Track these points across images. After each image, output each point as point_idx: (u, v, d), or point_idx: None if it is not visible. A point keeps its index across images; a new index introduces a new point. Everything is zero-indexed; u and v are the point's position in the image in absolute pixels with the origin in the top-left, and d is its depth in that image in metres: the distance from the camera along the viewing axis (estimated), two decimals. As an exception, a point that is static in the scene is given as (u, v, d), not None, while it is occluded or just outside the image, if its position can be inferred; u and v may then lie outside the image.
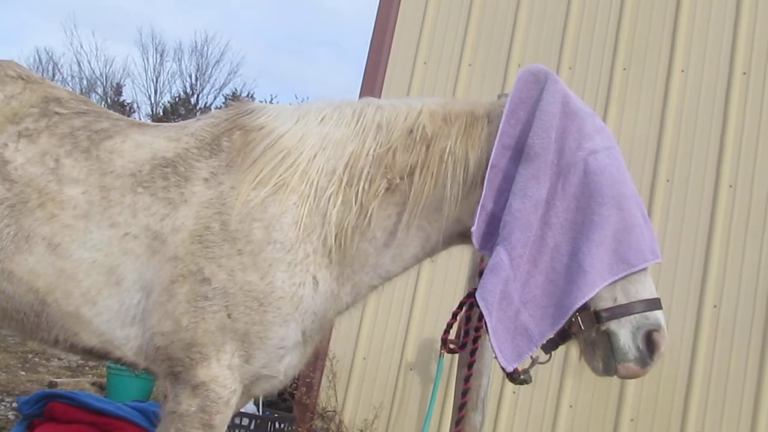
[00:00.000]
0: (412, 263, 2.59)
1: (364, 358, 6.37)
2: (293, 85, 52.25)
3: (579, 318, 2.27)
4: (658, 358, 2.28)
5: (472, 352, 3.10)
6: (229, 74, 33.90)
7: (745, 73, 5.82)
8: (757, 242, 5.49)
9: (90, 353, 2.59)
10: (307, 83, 48.50)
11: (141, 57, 44.93)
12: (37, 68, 31.27)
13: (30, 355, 8.80)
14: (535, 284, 2.25)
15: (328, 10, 51.69)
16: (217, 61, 33.46)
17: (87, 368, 8.92)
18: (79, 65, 32.40)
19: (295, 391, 6.38)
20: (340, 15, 52.48)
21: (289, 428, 6.09)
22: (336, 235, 2.44)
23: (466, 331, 3.05)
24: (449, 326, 3.13)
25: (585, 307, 2.27)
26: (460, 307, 3.05)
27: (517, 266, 2.21)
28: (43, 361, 8.80)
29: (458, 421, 3.27)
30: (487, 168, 2.37)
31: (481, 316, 2.80)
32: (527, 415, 5.82)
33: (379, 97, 6.46)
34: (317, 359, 6.39)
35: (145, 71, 33.51)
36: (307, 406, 6.23)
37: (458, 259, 5.71)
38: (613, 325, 2.25)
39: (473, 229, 2.32)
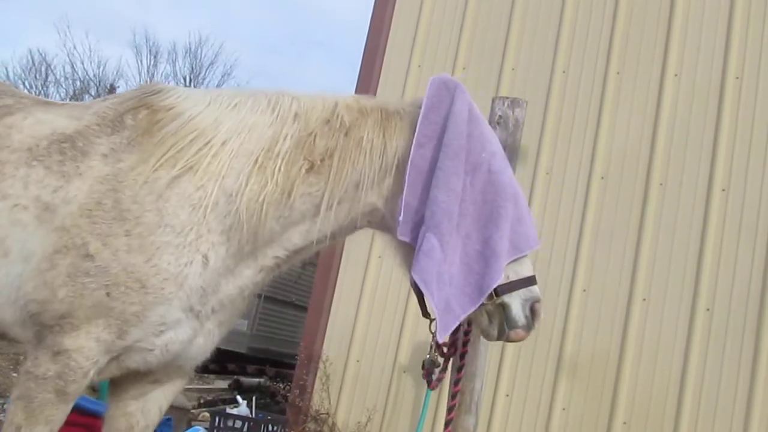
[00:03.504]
0: (321, 241, 2.66)
1: (358, 361, 6.37)
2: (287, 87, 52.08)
3: None
4: (538, 324, 2.61)
5: (462, 356, 3.15)
6: (222, 76, 33.83)
7: (737, 78, 5.85)
8: (750, 246, 5.52)
9: None
10: (301, 85, 48.52)
11: (135, 58, 44.88)
12: (30, 69, 31.18)
13: (22, 357, 8.77)
14: (455, 267, 2.54)
15: (322, 11, 51.72)
16: (211, 63, 33.40)
17: (79, 370, 8.88)
18: (73, 66, 32.28)
19: (288, 394, 6.38)
20: (335, 17, 52.55)
21: (282, 431, 6.09)
22: (243, 214, 2.47)
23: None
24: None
25: None
26: None
27: (446, 251, 2.49)
28: (35, 363, 8.76)
29: (447, 423, 3.31)
30: (398, 159, 2.61)
31: (470, 321, 2.84)
32: (520, 418, 5.83)
33: (374, 99, 6.47)
34: (310, 362, 6.39)
35: (139, 72, 33.40)
36: (300, 408, 6.22)
37: (452, 262, 5.72)
38: (507, 298, 2.55)
39: (399, 218, 2.54)
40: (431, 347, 2.85)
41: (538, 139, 6.24)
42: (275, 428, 6.07)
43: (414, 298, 6.72)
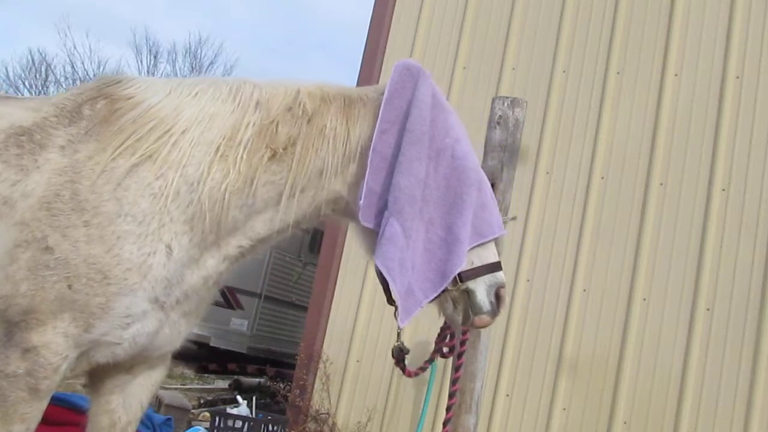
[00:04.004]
0: (284, 229, 2.65)
1: (358, 361, 6.37)
2: (287, 88, 52.00)
3: None
4: (502, 309, 2.63)
5: (460, 355, 3.16)
6: (223, 76, 33.87)
7: (738, 77, 5.85)
8: (750, 245, 5.52)
9: None
10: (301, 85, 48.25)
11: (135, 58, 44.84)
12: (30, 69, 31.17)
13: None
14: (418, 252, 2.54)
15: (322, 12, 51.74)
16: (211, 63, 33.43)
17: (79, 370, 8.87)
18: (73, 66, 32.26)
19: (288, 394, 6.38)
20: (334, 18, 52.55)
21: (282, 430, 6.09)
22: (206, 203, 2.44)
23: (453, 335, 3.10)
24: (442, 330, 3.16)
25: None
26: None
27: (408, 236, 2.49)
28: (35, 363, 8.75)
29: (446, 422, 3.32)
30: (361, 146, 2.60)
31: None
32: (520, 418, 5.83)
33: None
34: (310, 362, 6.39)
35: (139, 72, 33.43)
36: (300, 408, 6.22)
37: (452, 262, 5.71)
38: (471, 284, 2.56)
39: (360, 203, 2.52)
40: (398, 335, 2.89)
41: (538, 139, 6.24)
42: (275, 428, 6.07)
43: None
